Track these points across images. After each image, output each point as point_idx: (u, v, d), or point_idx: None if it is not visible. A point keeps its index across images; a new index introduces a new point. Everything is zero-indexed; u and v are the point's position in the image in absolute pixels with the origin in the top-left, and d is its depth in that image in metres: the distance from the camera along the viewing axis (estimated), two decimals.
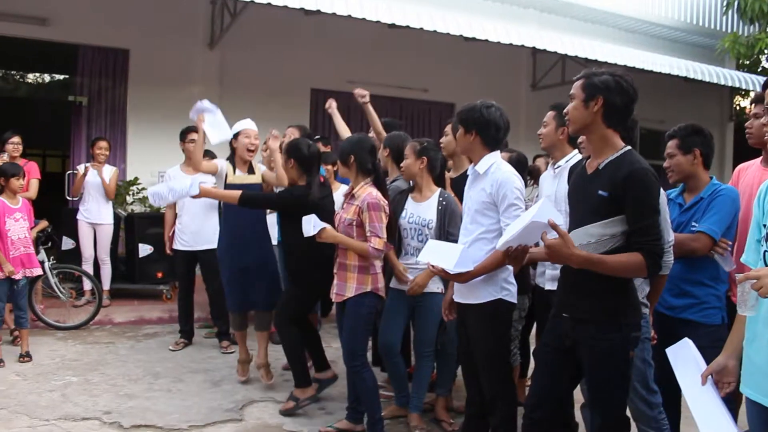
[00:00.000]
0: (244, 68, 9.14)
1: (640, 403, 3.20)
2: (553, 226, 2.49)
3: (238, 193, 4.28)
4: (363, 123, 9.78)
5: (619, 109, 2.63)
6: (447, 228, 3.96)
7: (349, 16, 7.41)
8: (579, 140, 3.42)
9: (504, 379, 3.34)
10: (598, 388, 2.73)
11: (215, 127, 4.82)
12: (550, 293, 3.43)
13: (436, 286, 4.03)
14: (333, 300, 4.03)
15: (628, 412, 2.91)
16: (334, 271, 3.97)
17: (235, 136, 4.85)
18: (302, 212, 3.92)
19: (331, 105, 5.52)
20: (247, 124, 4.92)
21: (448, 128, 4.45)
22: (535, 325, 4.48)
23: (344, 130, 5.20)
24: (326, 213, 4.12)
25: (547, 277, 3.64)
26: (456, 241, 3.56)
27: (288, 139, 4.96)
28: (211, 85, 8.99)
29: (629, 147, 2.67)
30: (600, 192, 2.60)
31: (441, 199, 4.03)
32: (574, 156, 3.58)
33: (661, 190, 2.75)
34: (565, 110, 2.78)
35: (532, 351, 4.20)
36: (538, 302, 3.96)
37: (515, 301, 3.32)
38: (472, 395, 3.49)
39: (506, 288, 3.27)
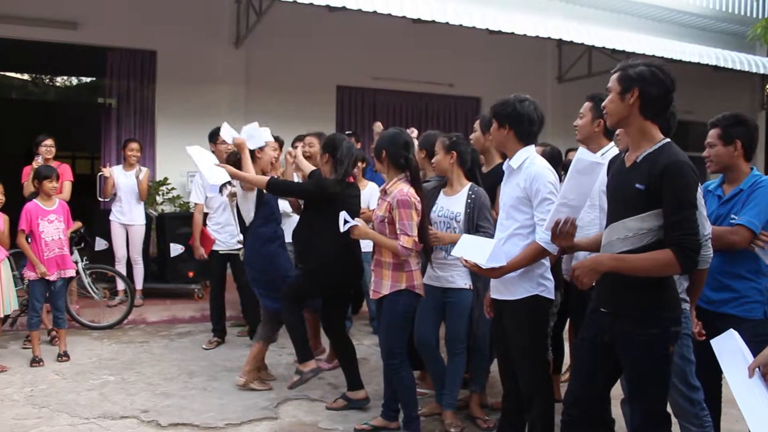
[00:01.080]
0: (269, 66, 9.18)
1: (681, 400, 3.16)
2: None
3: (266, 178, 4.41)
4: (390, 121, 9.84)
5: (655, 100, 2.60)
6: (477, 221, 3.94)
7: (375, 11, 7.38)
8: (615, 132, 3.37)
9: (541, 376, 3.32)
10: (637, 384, 2.70)
11: (251, 139, 4.75)
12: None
13: (464, 282, 4.01)
14: (371, 297, 4.03)
15: (668, 408, 2.87)
16: (371, 267, 3.97)
17: (262, 147, 4.78)
18: (323, 202, 4.10)
19: (377, 125, 5.99)
20: (269, 136, 4.88)
21: (477, 124, 4.43)
22: (568, 321, 4.46)
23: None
24: (351, 211, 4.14)
25: None
26: (488, 235, 3.56)
27: (308, 148, 5.17)
28: (237, 84, 9.06)
29: (668, 139, 2.63)
30: (637, 185, 2.56)
31: (470, 192, 4.01)
32: (611, 149, 3.53)
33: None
34: (603, 104, 2.75)
35: (567, 347, 4.19)
36: (572, 298, 3.92)
37: (552, 297, 3.29)
38: (509, 392, 3.47)
39: (543, 284, 3.24)
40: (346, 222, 3.85)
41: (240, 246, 5.64)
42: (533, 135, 3.32)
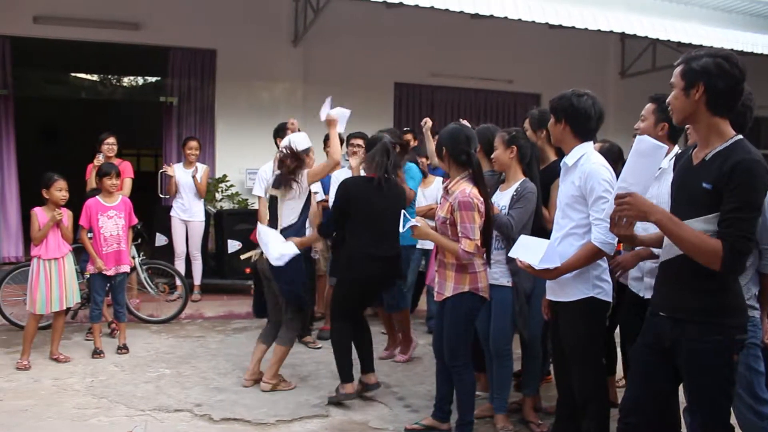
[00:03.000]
0: (327, 64, 9.22)
1: (748, 413, 2.99)
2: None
3: (314, 234, 4.91)
4: (448, 118, 9.74)
5: (723, 94, 2.43)
6: (509, 210, 3.85)
7: (432, 7, 7.30)
8: (686, 128, 3.20)
9: (596, 381, 3.20)
10: (699, 394, 2.55)
11: (341, 122, 4.87)
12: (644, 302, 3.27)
13: (506, 279, 3.89)
14: (435, 298, 3.95)
15: (732, 420, 2.72)
16: (435, 269, 3.90)
17: (308, 151, 4.74)
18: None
19: (427, 122, 5.89)
20: (309, 142, 4.82)
21: (527, 122, 4.32)
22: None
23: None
24: (384, 209, 4.16)
25: (645, 285, 3.41)
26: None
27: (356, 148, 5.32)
28: (295, 82, 9.15)
29: (740, 136, 2.46)
30: (704, 184, 2.42)
31: (518, 186, 3.89)
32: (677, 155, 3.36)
33: None
34: (667, 100, 2.60)
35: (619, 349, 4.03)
36: (626, 300, 3.75)
37: (610, 299, 3.17)
38: (564, 396, 3.37)
39: (599, 285, 3.13)
40: (406, 221, 3.78)
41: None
42: (590, 131, 3.19)
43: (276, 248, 4.46)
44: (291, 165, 4.55)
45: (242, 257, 4.98)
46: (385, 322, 5.70)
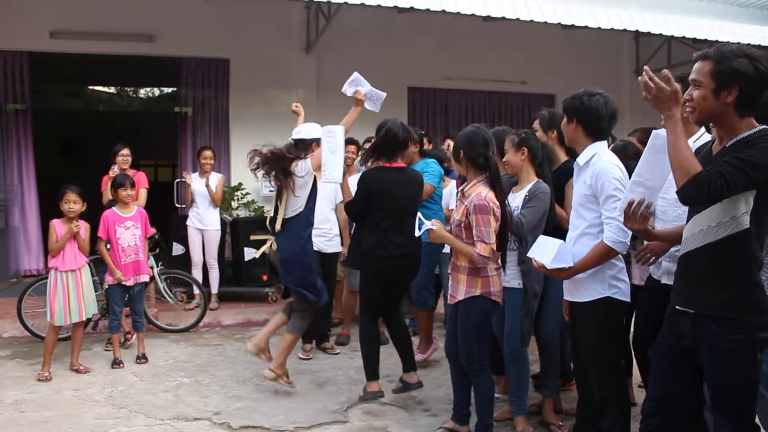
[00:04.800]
0: (340, 71, 9.07)
1: None
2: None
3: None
4: (463, 121, 9.72)
5: (755, 96, 2.35)
6: (521, 209, 3.82)
7: (443, 11, 7.30)
8: None
9: (615, 383, 3.17)
10: (722, 394, 2.49)
11: (370, 101, 4.88)
12: (661, 288, 3.22)
13: (517, 281, 3.85)
14: (448, 301, 3.93)
15: (757, 420, 2.67)
16: (449, 271, 3.88)
17: (318, 141, 4.74)
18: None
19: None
20: (319, 132, 4.82)
21: (537, 123, 4.28)
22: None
23: None
24: (390, 198, 4.21)
25: (663, 270, 3.39)
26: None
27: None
28: (308, 89, 9.17)
29: (764, 126, 2.39)
30: None
31: (531, 187, 3.86)
32: (702, 136, 3.31)
33: None
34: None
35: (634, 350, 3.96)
36: (639, 301, 3.70)
37: (627, 299, 3.14)
38: (584, 398, 3.34)
39: (615, 285, 3.10)
40: (422, 224, 3.76)
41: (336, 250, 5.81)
42: (602, 131, 3.18)
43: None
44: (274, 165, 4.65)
45: (256, 254, 4.98)
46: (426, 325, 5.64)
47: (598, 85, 3.34)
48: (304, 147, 4.78)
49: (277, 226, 4.70)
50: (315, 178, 4.73)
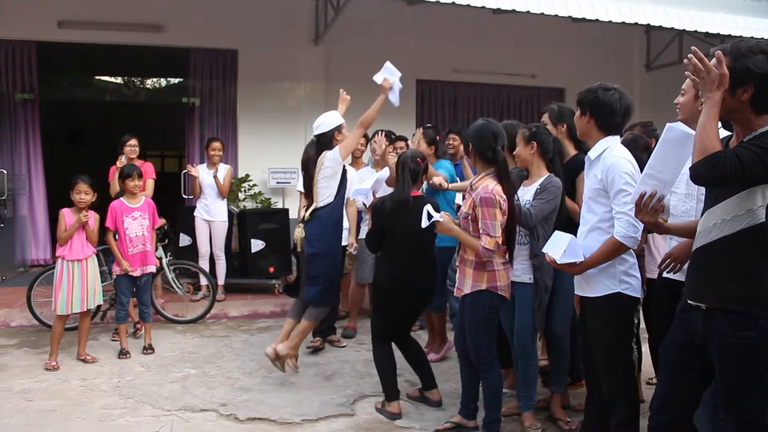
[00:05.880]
0: (348, 62, 9.19)
1: None
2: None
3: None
4: (472, 114, 9.68)
5: None
6: (532, 202, 3.79)
7: (453, 3, 7.25)
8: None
9: (624, 380, 3.15)
10: (732, 393, 2.45)
11: (393, 91, 4.95)
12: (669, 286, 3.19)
13: (528, 276, 3.83)
14: (454, 294, 3.90)
15: None
16: (456, 264, 3.85)
17: (340, 128, 4.82)
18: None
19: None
20: (341, 119, 4.90)
21: (546, 117, 4.24)
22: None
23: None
24: (402, 230, 4.08)
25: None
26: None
27: (376, 145, 5.26)
28: (316, 80, 9.14)
29: None
30: None
31: (542, 181, 3.83)
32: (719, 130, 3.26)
33: None
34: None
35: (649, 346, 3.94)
36: (652, 297, 3.66)
37: (638, 295, 3.11)
38: (593, 393, 3.32)
39: (626, 281, 3.08)
40: (430, 216, 3.73)
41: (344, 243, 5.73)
42: (615, 126, 3.15)
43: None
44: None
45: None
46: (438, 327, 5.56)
47: (609, 79, 3.33)
48: (327, 141, 4.77)
49: (306, 214, 4.72)
50: (344, 168, 4.78)
